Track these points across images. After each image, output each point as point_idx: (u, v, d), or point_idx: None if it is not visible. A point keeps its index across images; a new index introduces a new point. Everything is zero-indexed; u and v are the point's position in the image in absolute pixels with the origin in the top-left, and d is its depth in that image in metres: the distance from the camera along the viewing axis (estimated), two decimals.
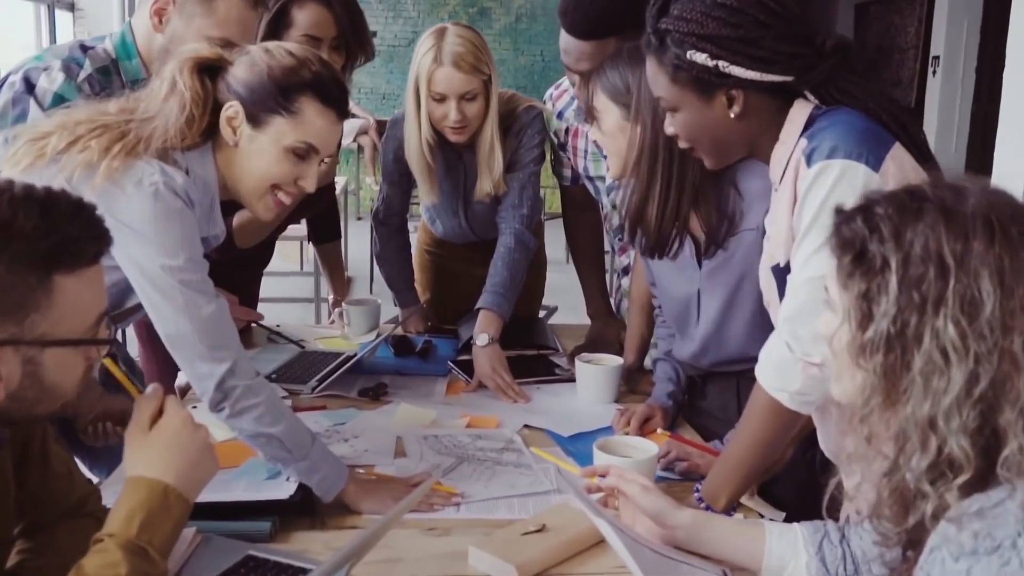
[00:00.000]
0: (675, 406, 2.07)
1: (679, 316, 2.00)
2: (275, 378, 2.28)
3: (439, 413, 2.09)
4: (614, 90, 1.83)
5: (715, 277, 1.89)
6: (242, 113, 1.56)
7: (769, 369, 1.45)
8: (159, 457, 1.17)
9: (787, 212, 1.44)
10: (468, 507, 1.64)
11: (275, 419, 1.53)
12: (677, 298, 1.98)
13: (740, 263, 1.83)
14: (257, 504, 1.54)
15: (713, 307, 1.91)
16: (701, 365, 2.01)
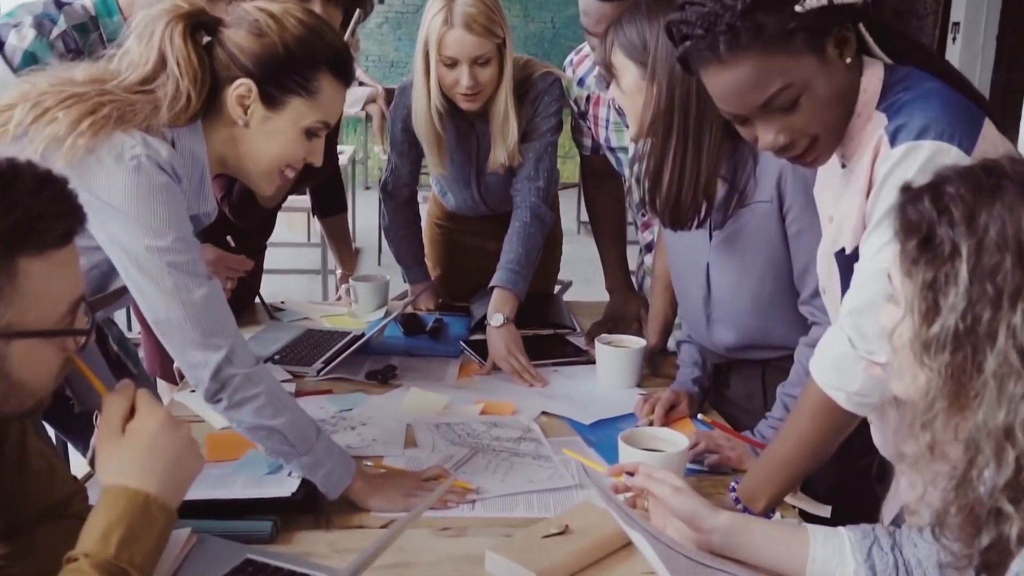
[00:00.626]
0: (701, 392, 1.96)
1: (689, 291, 1.88)
2: (278, 359, 2.17)
3: (451, 398, 1.98)
4: (631, 47, 1.69)
5: (725, 249, 1.77)
6: (256, 92, 1.44)
7: (826, 365, 1.32)
8: (136, 463, 1.05)
9: (860, 194, 1.31)
10: (484, 504, 1.53)
11: (276, 410, 1.42)
12: (686, 271, 1.87)
13: (751, 236, 1.72)
14: (257, 502, 1.42)
15: (723, 282, 1.80)
16: (717, 349, 1.89)
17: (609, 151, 2.41)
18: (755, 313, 1.77)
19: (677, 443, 1.57)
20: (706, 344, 1.91)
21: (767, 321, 1.75)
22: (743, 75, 1.25)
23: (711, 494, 1.59)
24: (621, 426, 1.86)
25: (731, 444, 1.69)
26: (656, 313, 2.23)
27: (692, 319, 1.92)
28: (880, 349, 1.23)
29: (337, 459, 1.47)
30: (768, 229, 1.67)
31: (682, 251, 1.87)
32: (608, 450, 1.73)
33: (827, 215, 1.40)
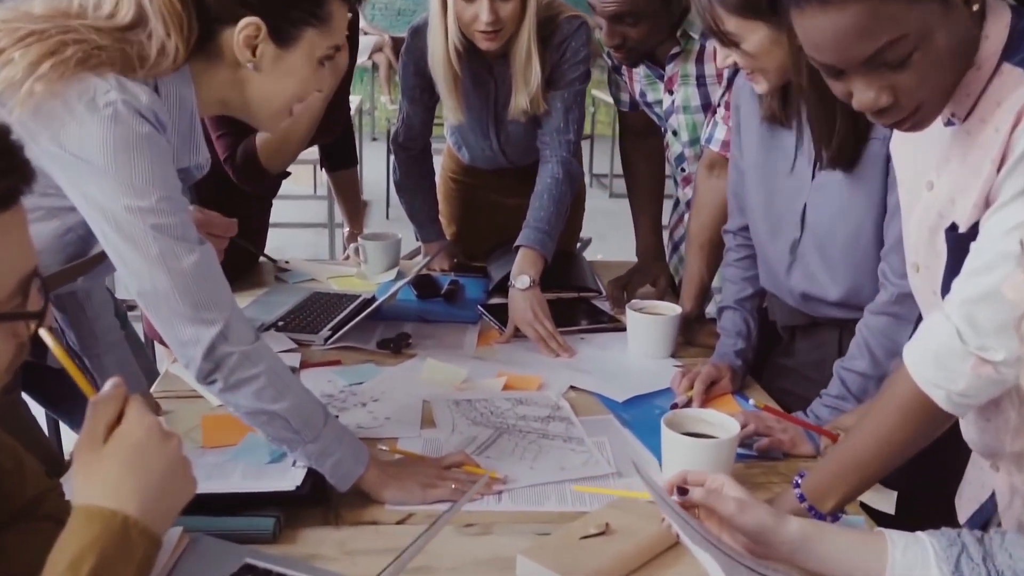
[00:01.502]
0: (744, 366, 1.79)
1: (776, 235, 1.70)
2: (282, 326, 2.01)
3: (471, 370, 1.81)
4: (750, 6, 1.48)
5: (828, 189, 1.60)
6: (265, 30, 1.25)
7: (926, 359, 1.14)
8: (116, 479, 0.88)
9: (986, 164, 1.10)
10: (511, 496, 1.36)
11: (278, 392, 1.25)
12: (777, 214, 1.69)
13: (858, 174, 1.54)
14: (257, 496, 1.26)
15: (819, 224, 1.63)
16: (793, 299, 1.72)
17: (646, 106, 2.21)
18: (847, 262, 1.61)
19: (727, 427, 1.40)
20: (781, 295, 1.75)
21: (858, 274, 1.59)
22: (850, 21, 1.01)
23: (762, 483, 1.43)
24: (657, 402, 1.70)
25: (782, 426, 1.53)
26: (692, 276, 2.05)
27: (772, 265, 1.75)
28: (997, 345, 1.05)
29: (348, 446, 1.31)
30: (879, 165, 1.49)
31: (774, 192, 1.69)
32: (645, 431, 1.56)
33: (924, 180, 1.20)
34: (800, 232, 1.65)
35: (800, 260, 1.67)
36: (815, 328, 1.74)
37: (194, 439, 1.42)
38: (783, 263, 1.69)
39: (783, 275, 1.70)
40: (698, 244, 2.03)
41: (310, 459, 1.28)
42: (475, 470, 1.39)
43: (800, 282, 1.68)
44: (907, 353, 1.16)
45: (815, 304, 1.69)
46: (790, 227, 1.67)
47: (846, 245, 1.60)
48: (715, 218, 2.00)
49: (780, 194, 1.67)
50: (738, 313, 1.82)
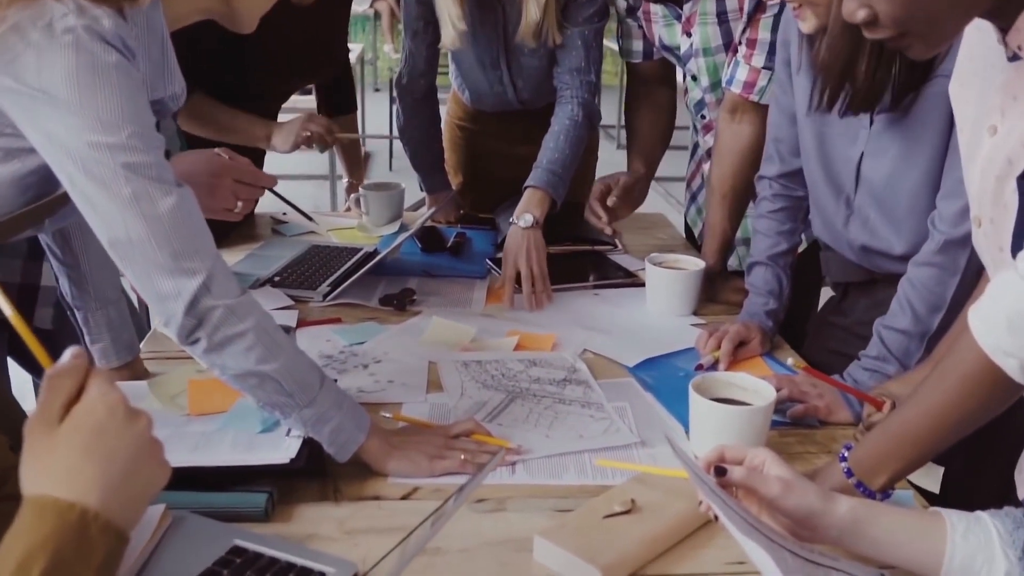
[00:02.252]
0: (774, 327, 1.66)
1: (831, 184, 1.57)
2: (278, 281, 1.89)
3: (479, 329, 1.69)
4: None
5: (888, 135, 1.45)
6: None
7: (996, 323, 1.00)
8: (73, 466, 0.75)
9: None
10: (527, 468, 1.25)
11: (269, 351, 1.13)
12: (832, 162, 1.55)
13: (923, 117, 1.40)
14: (248, 470, 1.15)
15: (878, 172, 1.49)
16: (851, 253, 1.59)
17: (664, 50, 2.06)
18: (910, 211, 1.47)
19: (762, 393, 1.29)
20: (839, 247, 1.62)
21: (923, 224, 1.45)
22: None
23: (798, 453, 1.32)
24: (679, 364, 1.58)
25: (818, 391, 1.41)
26: (713, 229, 1.92)
27: (827, 217, 1.62)
28: None
29: (347, 412, 1.19)
30: (943, 107, 1.35)
31: (827, 139, 1.55)
32: (668, 395, 1.45)
33: (986, 124, 1.07)
34: (856, 183, 1.52)
35: (858, 212, 1.54)
36: (873, 285, 1.61)
37: (180, 405, 1.30)
38: (840, 215, 1.56)
39: (840, 227, 1.57)
40: (720, 194, 1.90)
41: (305, 426, 1.17)
42: (486, 439, 1.28)
43: (859, 235, 1.55)
44: (973, 317, 1.03)
45: (876, 258, 1.56)
46: (845, 178, 1.53)
47: (911, 194, 1.46)
48: (738, 166, 1.87)
49: (834, 141, 1.54)
50: (770, 270, 1.69)
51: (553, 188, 1.93)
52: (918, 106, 1.40)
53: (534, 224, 1.87)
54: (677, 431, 1.35)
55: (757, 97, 1.81)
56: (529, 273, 1.82)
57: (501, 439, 1.28)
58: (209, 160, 1.57)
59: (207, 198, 1.51)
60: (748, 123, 1.85)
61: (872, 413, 1.30)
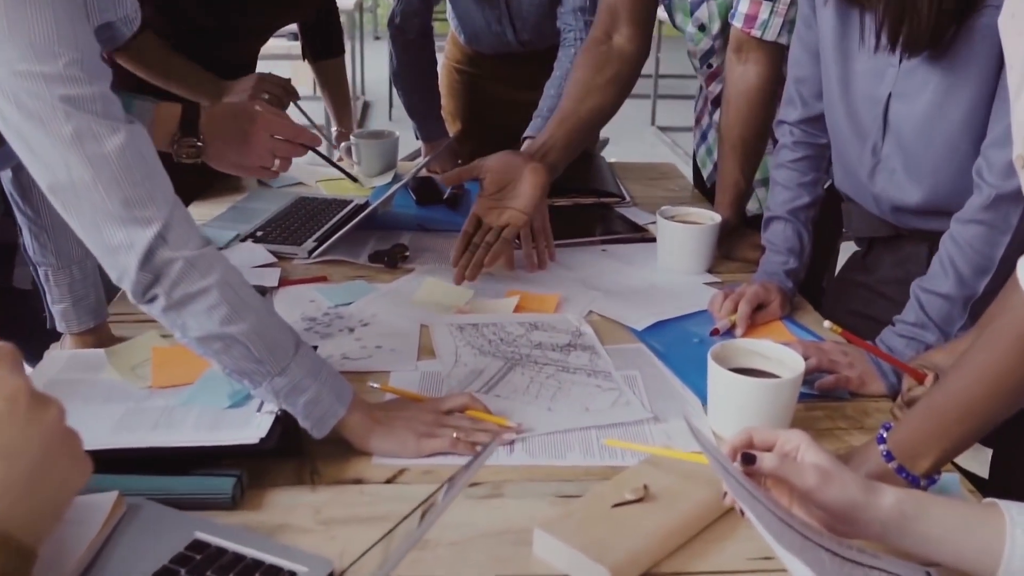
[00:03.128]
0: (794, 288, 1.53)
1: (855, 132, 1.42)
2: (261, 236, 1.75)
3: (477, 289, 1.56)
4: None
5: (920, 76, 1.30)
6: None
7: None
8: None
9: None
10: (526, 447, 1.12)
11: (235, 311, 1.00)
12: (854, 107, 1.40)
13: (962, 54, 1.24)
14: (212, 451, 1.02)
15: (908, 117, 1.33)
16: (879, 208, 1.45)
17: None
18: (947, 160, 1.32)
19: (788, 363, 1.16)
20: (862, 200, 1.47)
21: (960, 175, 1.31)
22: None
23: (827, 429, 1.19)
24: (693, 328, 1.45)
25: (849, 359, 1.28)
26: (726, 181, 1.78)
27: (850, 167, 1.47)
28: None
29: (325, 382, 1.07)
30: (991, 42, 1.20)
31: (851, 79, 1.40)
32: (682, 363, 1.32)
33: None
34: (883, 129, 1.37)
35: (885, 162, 1.39)
36: (899, 240, 1.47)
37: (141, 377, 1.17)
38: (865, 165, 1.42)
39: (865, 178, 1.42)
40: (730, 144, 1.75)
41: (277, 396, 1.04)
42: (482, 416, 1.15)
43: (886, 187, 1.41)
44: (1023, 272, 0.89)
45: (903, 215, 1.42)
46: (870, 123, 1.39)
47: (946, 143, 1.31)
48: (746, 112, 1.71)
49: (859, 82, 1.39)
50: (790, 225, 1.55)
51: None
52: (960, 41, 1.25)
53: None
54: (693, 405, 1.22)
55: (759, 32, 1.65)
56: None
57: (499, 416, 1.15)
58: (242, 111, 1.42)
59: (238, 154, 1.39)
60: (754, 63, 1.70)
61: (913, 387, 1.17)
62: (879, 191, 1.42)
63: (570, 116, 1.67)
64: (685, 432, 1.14)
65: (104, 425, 1.06)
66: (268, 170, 1.43)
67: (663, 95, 6.46)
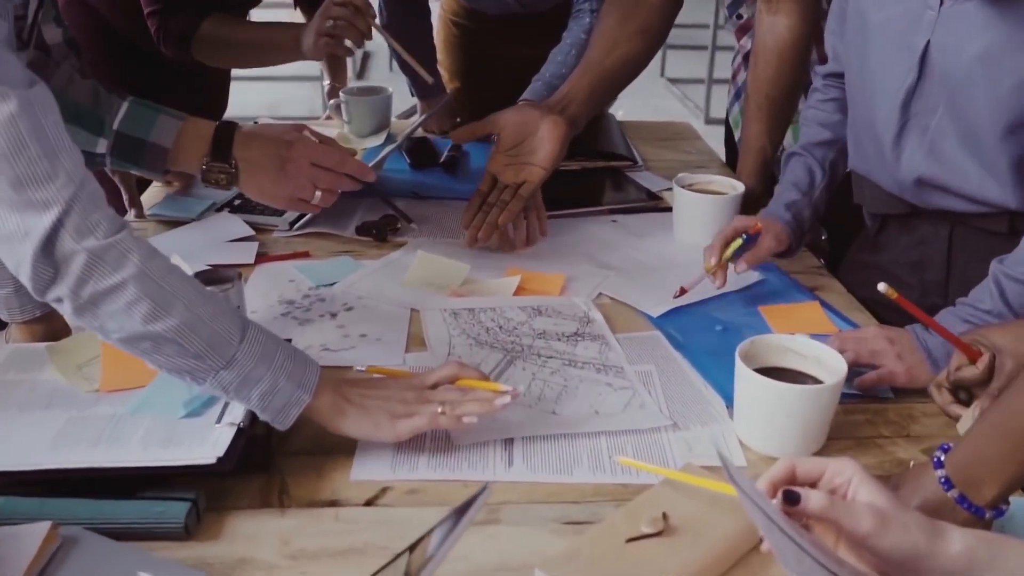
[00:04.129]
0: (797, 226, 1.37)
1: (880, 89, 1.26)
2: (238, 205, 1.60)
3: (474, 266, 1.41)
4: None
5: (966, 19, 1.14)
6: None
7: None
8: None
9: None
10: (527, 459, 0.98)
11: (159, 306, 0.86)
12: (881, 59, 1.25)
13: None
14: (160, 472, 0.88)
15: (955, 71, 1.17)
16: (897, 186, 1.29)
17: None
18: (990, 131, 1.16)
19: (827, 363, 1.01)
20: (879, 177, 1.31)
21: (1003, 149, 1.15)
22: None
23: (869, 437, 1.05)
24: (715, 314, 1.30)
25: (896, 349, 1.12)
26: (750, 144, 1.62)
27: (873, 134, 1.30)
28: None
29: (283, 367, 0.92)
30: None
31: (882, 26, 1.25)
32: (705, 358, 1.18)
33: None
34: (915, 83, 1.21)
35: (916, 120, 1.22)
36: (915, 219, 1.32)
37: (88, 378, 1.03)
38: (890, 126, 1.25)
39: (889, 144, 1.26)
40: (756, 104, 1.59)
41: (226, 391, 0.90)
42: (473, 383, 1.00)
43: (914, 153, 1.24)
44: None
45: (927, 190, 1.26)
46: (900, 77, 1.22)
47: (992, 108, 1.15)
48: (776, 69, 1.55)
49: (888, 29, 1.23)
50: (801, 159, 1.41)
51: None
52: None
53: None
54: (716, 407, 1.08)
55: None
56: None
57: (493, 383, 1.01)
58: (280, 135, 1.26)
59: (274, 183, 1.23)
60: (785, 15, 1.53)
61: (963, 364, 1.02)
62: (905, 158, 1.25)
63: (594, 67, 1.51)
64: (706, 441, 1.01)
65: (42, 438, 0.92)
66: (308, 203, 1.26)
67: (673, 45, 6.22)
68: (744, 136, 1.64)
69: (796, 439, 0.98)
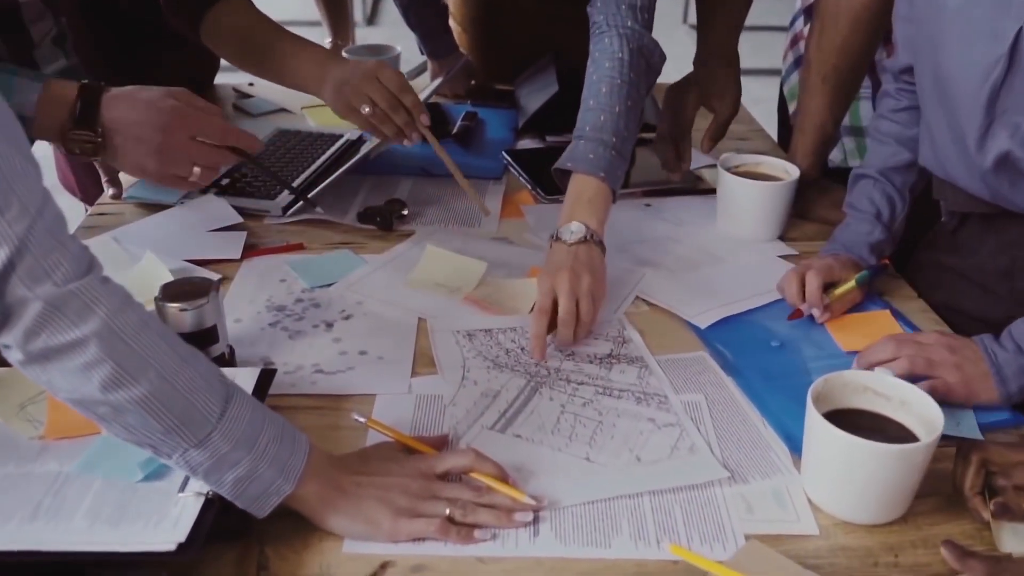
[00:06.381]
0: (877, 264, 1.19)
1: (959, 76, 1.06)
2: (225, 186, 1.43)
3: (492, 262, 1.23)
4: None
5: None
6: None
7: None
8: None
9: None
10: (555, 524, 0.81)
11: (124, 369, 0.69)
12: (960, 41, 1.04)
13: None
14: (107, 560, 0.72)
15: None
16: (977, 186, 1.10)
17: None
18: None
19: (917, 408, 0.84)
20: (965, 181, 1.12)
21: None
22: None
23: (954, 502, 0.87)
24: (771, 326, 1.13)
25: (956, 358, 0.95)
26: (810, 121, 1.42)
27: (952, 135, 1.10)
28: None
29: (266, 451, 0.75)
30: None
31: (948, 12, 1.04)
32: (762, 387, 1.00)
33: None
34: (1004, 74, 1.01)
35: (1006, 118, 1.03)
36: (1006, 218, 1.13)
37: (31, 421, 0.86)
38: (972, 130, 1.06)
39: (972, 150, 1.07)
40: (819, 75, 1.39)
41: (194, 472, 0.74)
42: (489, 480, 0.84)
43: (1003, 166, 1.05)
44: None
45: (1017, 190, 1.07)
46: (987, 68, 1.03)
47: None
48: (848, 33, 1.33)
49: (972, 11, 1.03)
50: (879, 186, 1.21)
51: (607, 169, 1.18)
52: None
53: (587, 237, 1.13)
54: (777, 450, 0.91)
55: None
56: (573, 317, 1.06)
57: (513, 487, 0.83)
58: (153, 103, 1.09)
59: (147, 157, 1.08)
60: None
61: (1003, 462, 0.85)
62: (991, 163, 1.06)
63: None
64: (770, 500, 0.84)
65: None
66: (185, 180, 1.12)
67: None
68: (802, 110, 1.44)
69: (879, 504, 0.82)
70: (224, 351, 0.98)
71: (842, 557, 0.79)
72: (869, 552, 0.80)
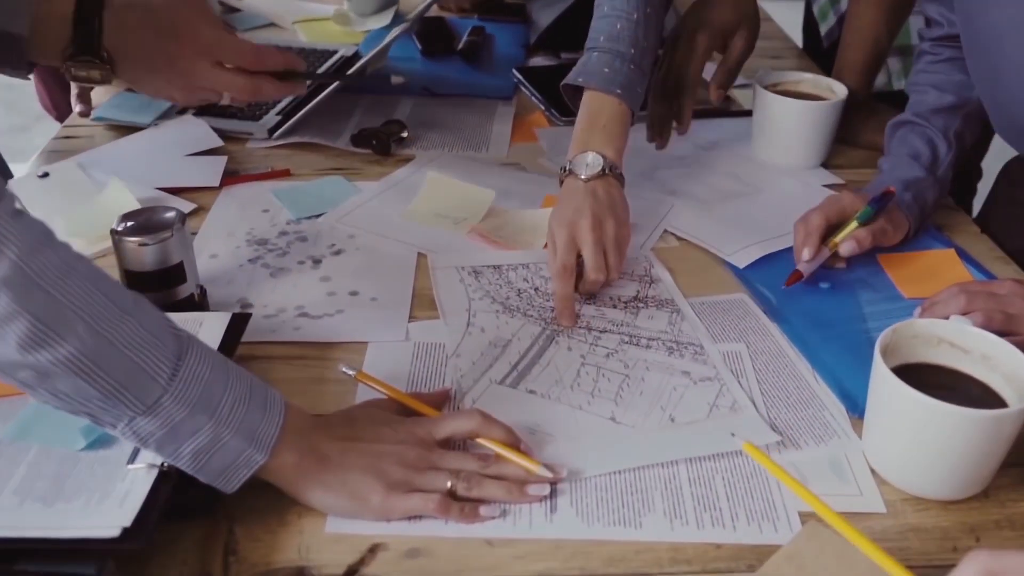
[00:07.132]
0: (920, 213, 1.03)
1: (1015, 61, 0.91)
2: (205, 106, 1.28)
3: (501, 192, 1.10)
4: None
5: None
6: None
7: None
8: None
9: None
10: (575, 499, 0.69)
11: (46, 325, 0.56)
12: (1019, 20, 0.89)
13: None
14: (42, 545, 0.60)
15: None
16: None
17: None
18: None
19: (1003, 365, 0.71)
20: (1012, 134, 0.98)
21: None
22: None
23: None
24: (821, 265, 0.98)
25: None
26: (862, 35, 1.26)
27: (1005, 82, 0.95)
28: None
29: (232, 414, 0.62)
30: None
31: None
32: (812, 336, 0.87)
33: None
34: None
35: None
36: None
37: None
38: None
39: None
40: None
41: (145, 444, 0.61)
42: (499, 447, 0.71)
43: None
44: None
45: None
46: None
47: None
48: None
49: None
50: (918, 129, 1.05)
51: (627, 87, 1.02)
52: None
53: (604, 171, 0.97)
54: (832, 410, 0.78)
55: None
56: (603, 272, 0.91)
57: (526, 454, 0.71)
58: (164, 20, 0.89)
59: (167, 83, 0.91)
60: None
61: None
62: None
63: None
64: (827, 471, 0.72)
65: None
66: (218, 95, 0.95)
67: None
68: (851, 24, 1.29)
69: (957, 477, 0.69)
70: (194, 291, 0.86)
71: (914, 540, 0.67)
72: (946, 534, 0.68)
